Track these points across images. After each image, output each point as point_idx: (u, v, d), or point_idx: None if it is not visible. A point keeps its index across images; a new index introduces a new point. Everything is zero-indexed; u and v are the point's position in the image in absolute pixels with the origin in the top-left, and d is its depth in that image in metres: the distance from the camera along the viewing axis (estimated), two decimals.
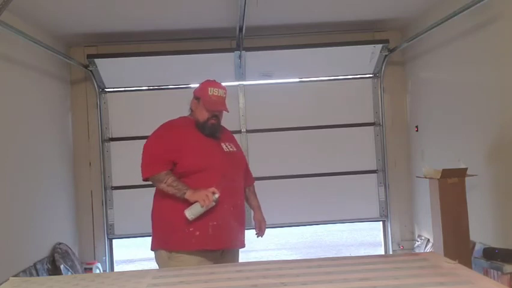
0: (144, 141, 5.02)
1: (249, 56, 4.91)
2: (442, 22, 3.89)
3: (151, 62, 4.99)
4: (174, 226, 2.74)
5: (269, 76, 5.28)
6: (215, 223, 2.72)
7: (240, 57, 4.87)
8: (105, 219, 5.15)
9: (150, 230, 5.37)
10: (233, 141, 3.05)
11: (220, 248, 2.81)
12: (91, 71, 4.98)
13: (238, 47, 4.77)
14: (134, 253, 7.72)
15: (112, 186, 5.20)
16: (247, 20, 4.12)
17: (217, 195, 2.64)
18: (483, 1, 3.29)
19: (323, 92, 5.34)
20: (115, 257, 5.40)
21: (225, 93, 2.93)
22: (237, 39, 4.66)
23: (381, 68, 5.25)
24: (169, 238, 2.78)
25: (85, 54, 4.97)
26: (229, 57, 4.95)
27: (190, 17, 4.45)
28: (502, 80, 3.45)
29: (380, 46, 5.04)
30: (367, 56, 5.12)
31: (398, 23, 5.02)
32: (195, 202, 2.65)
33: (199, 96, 2.91)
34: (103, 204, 5.15)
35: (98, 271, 4.89)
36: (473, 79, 3.88)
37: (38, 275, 3.84)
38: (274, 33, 5.05)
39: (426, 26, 4.21)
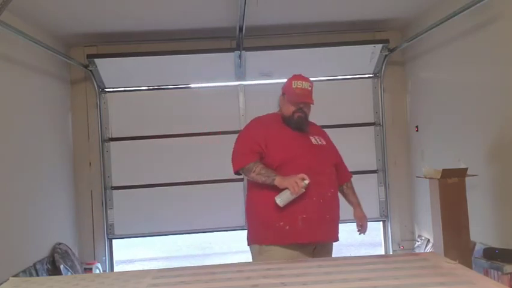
0: (144, 141, 5.19)
1: (248, 55, 4.91)
2: (442, 22, 3.89)
3: (151, 62, 4.99)
4: (265, 221, 2.76)
5: (269, 76, 5.28)
6: (304, 216, 2.70)
7: (240, 57, 4.87)
8: (105, 219, 5.15)
9: (150, 230, 5.42)
10: (323, 136, 3.04)
11: (311, 241, 2.77)
12: (90, 71, 4.98)
13: (238, 47, 4.77)
14: (134, 253, 7.72)
15: (112, 186, 5.20)
16: (247, 20, 4.12)
17: (306, 181, 2.60)
18: (483, 1, 3.29)
19: (323, 92, 5.32)
20: (115, 257, 5.39)
21: (310, 86, 2.91)
22: (237, 39, 4.66)
23: (381, 68, 5.25)
24: (260, 233, 2.81)
25: (84, 54, 4.97)
26: (229, 57, 4.94)
27: (190, 17, 4.45)
28: (502, 80, 3.45)
29: (380, 46, 5.04)
30: (367, 56, 5.12)
31: (398, 23, 5.02)
32: (284, 189, 2.63)
33: (284, 91, 2.92)
34: (103, 204, 5.15)
35: (98, 271, 4.89)
36: (473, 79, 3.88)
37: (38, 275, 3.83)
38: (274, 33, 5.05)
39: (426, 26, 4.21)
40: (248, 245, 2.93)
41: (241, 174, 2.87)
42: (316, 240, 2.78)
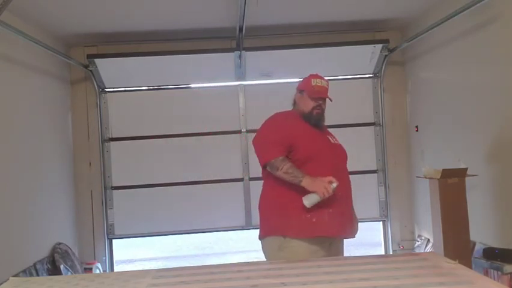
0: (144, 141, 5.19)
1: (249, 56, 4.91)
2: (442, 22, 3.89)
3: (151, 62, 4.99)
4: (290, 212, 2.73)
5: (269, 76, 5.28)
6: (331, 210, 2.71)
7: (240, 57, 4.87)
8: (105, 219, 5.15)
9: (150, 230, 5.40)
10: (334, 137, 3.07)
11: (336, 234, 2.79)
12: (91, 71, 4.98)
13: (238, 47, 4.77)
14: (134, 253, 7.72)
15: (112, 186, 5.20)
16: (247, 20, 4.12)
17: (335, 185, 2.59)
18: (483, 1, 3.29)
19: None
20: (115, 257, 5.40)
21: (327, 85, 2.98)
22: (237, 39, 4.66)
23: (381, 68, 5.25)
24: (284, 224, 2.75)
25: (85, 54, 4.98)
26: (229, 57, 4.94)
27: (190, 17, 4.45)
28: (502, 80, 3.45)
29: (380, 46, 5.05)
30: (367, 56, 5.12)
31: (398, 23, 5.02)
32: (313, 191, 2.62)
33: (303, 88, 2.97)
34: (103, 204, 5.15)
35: (98, 271, 4.89)
36: (473, 79, 3.88)
37: (38, 275, 3.84)
38: (274, 33, 5.05)
39: (426, 26, 4.21)
40: (262, 237, 2.86)
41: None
42: (339, 235, 2.83)
